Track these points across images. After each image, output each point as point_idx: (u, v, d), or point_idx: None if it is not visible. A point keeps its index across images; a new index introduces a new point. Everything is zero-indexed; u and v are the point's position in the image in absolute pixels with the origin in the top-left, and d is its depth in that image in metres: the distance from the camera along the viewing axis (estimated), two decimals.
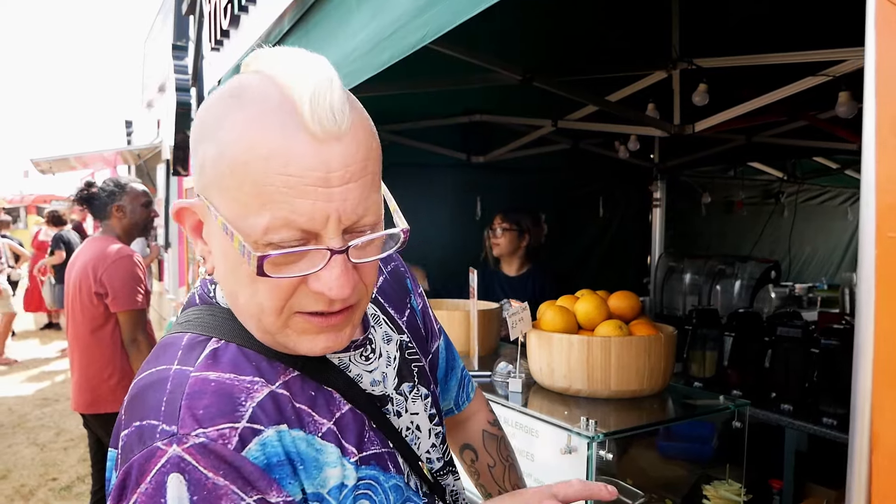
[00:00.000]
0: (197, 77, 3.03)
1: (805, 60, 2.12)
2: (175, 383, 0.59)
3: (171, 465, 0.54)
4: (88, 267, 2.49)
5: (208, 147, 0.57)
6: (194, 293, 0.71)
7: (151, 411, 0.58)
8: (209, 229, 0.61)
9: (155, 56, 6.51)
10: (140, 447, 0.56)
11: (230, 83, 0.59)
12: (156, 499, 0.53)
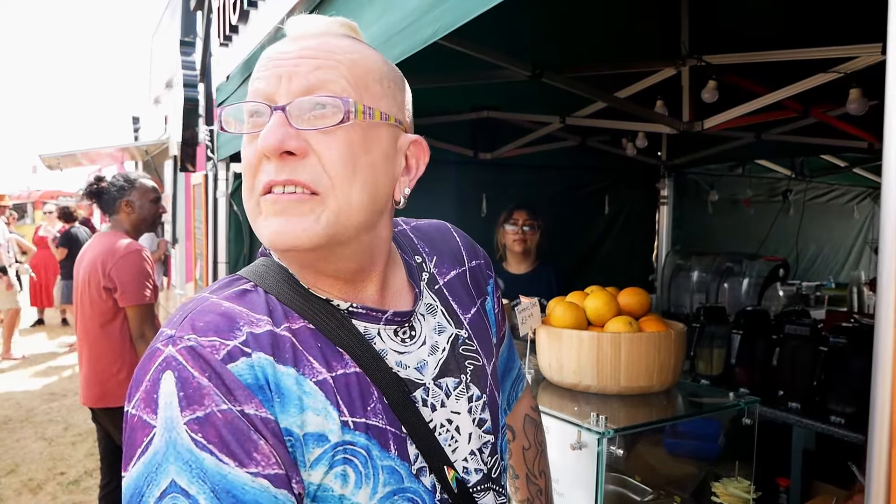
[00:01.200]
0: (205, 73, 3.04)
1: (816, 57, 2.11)
2: (195, 303, 0.65)
3: (164, 364, 0.59)
4: (97, 262, 2.50)
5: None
6: (264, 248, 0.75)
7: (177, 318, 0.64)
8: None
9: (162, 52, 6.53)
10: (148, 349, 0.62)
11: None
12: (151, 393, 0.58)
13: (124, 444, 0.60)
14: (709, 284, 3.28)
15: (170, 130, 5.42)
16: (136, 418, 0.58)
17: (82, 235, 7.46)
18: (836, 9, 1.94)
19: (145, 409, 0.58)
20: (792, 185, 4.98)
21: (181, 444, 0.55)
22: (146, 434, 0.57)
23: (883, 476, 0.49)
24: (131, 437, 0.58)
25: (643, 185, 4.17)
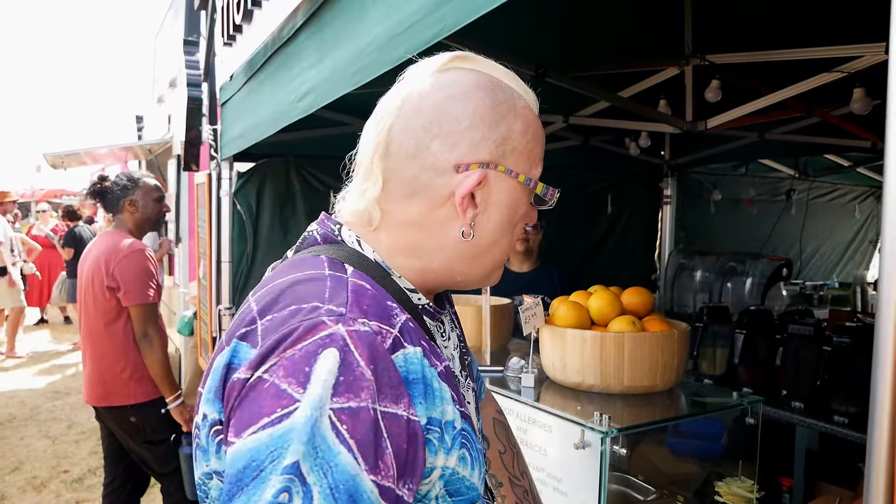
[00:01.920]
0: (208, 72, 3.04)
1: (819, 56, 2.11)
2: (335, 280, 0.65)
3: (330, 341, 0.57)
4: (101, 261, 2.51)
5: (516, 123, 0.72)
6: (312, 234, 0.75)
7: (312, 297, 0.62)
8: (490, 191, 0.71)
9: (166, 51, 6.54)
10: (302, 319, 0.59)
11: (484, 79, 0.73)
12: (301, 365, 0.55)
13: (238, 406, 0.56)
14: (712, 284, 3.28)
15: (173, 130, 5.43)
16: (270, 385, 0.55)
17: (86, 234, 7.48)
18: (839, 8, 1.93)
19: (287, 377, 0.55)
20: (795, 184, 4.97)
21: (319, 428, 0.53)
22: (283, 405, 0.53)
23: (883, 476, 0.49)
24: (256, 402, 0.54)
25: (646, 184, 4.16)
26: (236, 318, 0.67)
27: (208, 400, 0.62)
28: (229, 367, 0.61)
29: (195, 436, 0.66)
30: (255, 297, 0.67)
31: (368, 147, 0.73)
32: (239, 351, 0.61)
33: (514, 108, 0.72)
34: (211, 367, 0.64)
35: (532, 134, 0.73)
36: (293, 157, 3.18)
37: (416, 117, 0.70)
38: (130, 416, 2.57)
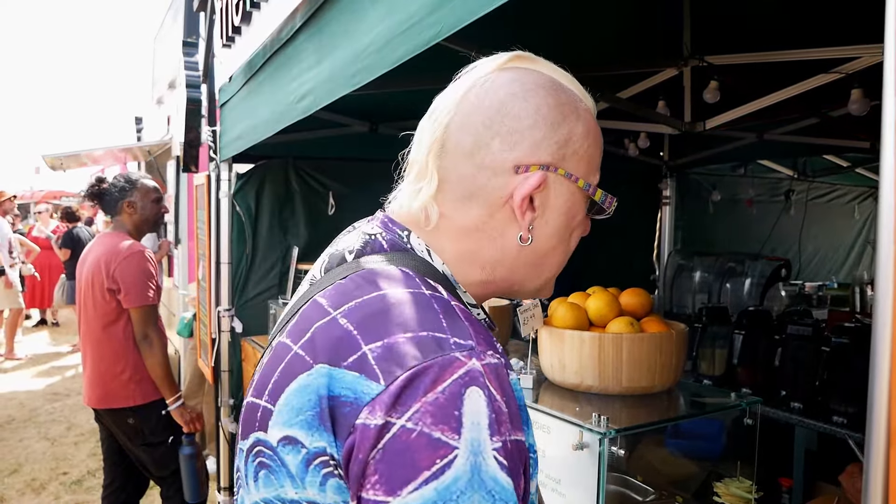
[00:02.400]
0: (208, 74, 3.04)
1: (817, 58, 2.12)
2: (441, 304, 0.61)
3: (470, 379, 0.53)
4: (101, 263, 2.51)
5: (577, 125, 0.70)
6: (377, 239, 0.70)
7: (428, 324, 0.57)
8: (549, 195, 0.69)
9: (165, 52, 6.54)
10: (433, 354, 0.54)
11: (545, 79, 0.71)
12: (449, 409, 0.52)
13: (383, 458, 0.51)
14: (711, 285, 3.28)
15: (172, 131, 5.44)
16: (419, 434, 0.51)
17: (84, 236, 7.48)
18: (837, 9, 1.94)
19: (437, 424, 0.51)
20: (794, 185, 4.98)
21: (487, 472, 0.51)
22: (441, 455, 0.50)
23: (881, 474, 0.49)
24: (408, 455, 0.50)
25: (645, 185, 4.16)
26: (315, 330, 0.61)
27: (297, 423, 0.57)
28: (335, 398, 0.56)
29: (256, 453, 0.62)
30: (341, 313, 0.61)
31: (423, 144, 0.70)
32: (345, 381, 0.56)
33: (577, 110, 0.70)
34: (282, 380, 0.60)
35: (593, 138, 0.71)
36: (292, 159, 3.18)
37: (476, 114, 0.68)
38: (129, 418, 2.56)
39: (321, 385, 0.57)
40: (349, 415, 0.54)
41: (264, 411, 0.61)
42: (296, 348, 0.62)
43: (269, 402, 0.61)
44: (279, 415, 0.59)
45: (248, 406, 0.66)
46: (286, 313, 0.73)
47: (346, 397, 0.55)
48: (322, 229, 3.23)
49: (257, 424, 0.62)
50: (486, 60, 0.72)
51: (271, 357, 0.66)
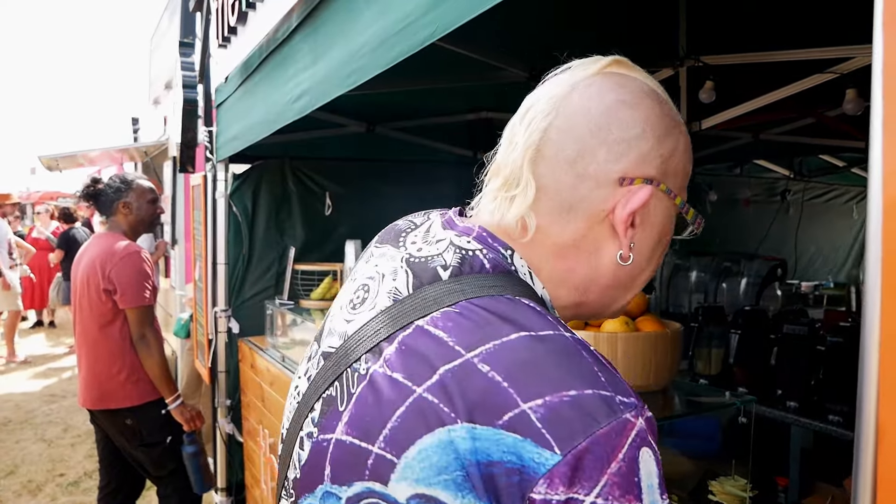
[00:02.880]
0: (204, 74, 3.04)
1: (812, 58, 2.12)
2: (586, 349, 0.56)
3: (640, 440, 0.51)
4: (96, 263, 2.51)
5: (680, 139, 0.66)
6: (476, 257, 0.63)
7: (586, 378, 0.53)
8: (650, 211, 0.65)
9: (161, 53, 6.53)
10: (605, 417, 0.50)
11: (648, 88, 0.67)
12: (631, 477, 0.49)
13: None
14: (707, 284, 3.29)
15: (169, 131, 5.43)
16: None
17: (81, 236, 7.47)
18: (832, 10, 1.94)
19: (625, 496, 0.49)
20: (790, 185, 4.99)
21: None
22: None
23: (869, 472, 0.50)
24: None
25: None
26: (445, 374, 0.54)
27: (439, 483, 0.51)
28: (494, 464, 0.50)
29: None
30: (477, 357, 0.54)
31: (516, 148, 0.65)
32: (504, 443, 0.50)
33: (679, 124, 0.66)
34: (407, 430, 0.54)
35: (689, 155, 0.68)
36: (289, 159, 3.18)
37: (581, 119, 0.63)
38: (126, 419, 2.56)
39: (470, 448, 0.51)
40: (520, 485, 0.49)
41: (380, 460, 0.55)
42: (420, 391, 0.54)
43: (386, 451, 0.55)
44: (408, 470, 0.53)
45: (344, 446, 0.58)
46: (363, 330, 0.64)
47: (511, 463, 0.50)
48: (319, 230, 3.23)
49: (367, 474, 0.55)
50: (584, 63, 0.68)
51: (371, 390, 0.58)
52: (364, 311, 0.66)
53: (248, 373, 2.85)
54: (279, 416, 2.38)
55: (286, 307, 2.79)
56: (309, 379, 0.69)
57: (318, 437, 0.63)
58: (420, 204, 0.95)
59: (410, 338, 0.59)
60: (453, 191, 3.48)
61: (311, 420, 0.65)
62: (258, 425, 2.67)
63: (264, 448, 2.54)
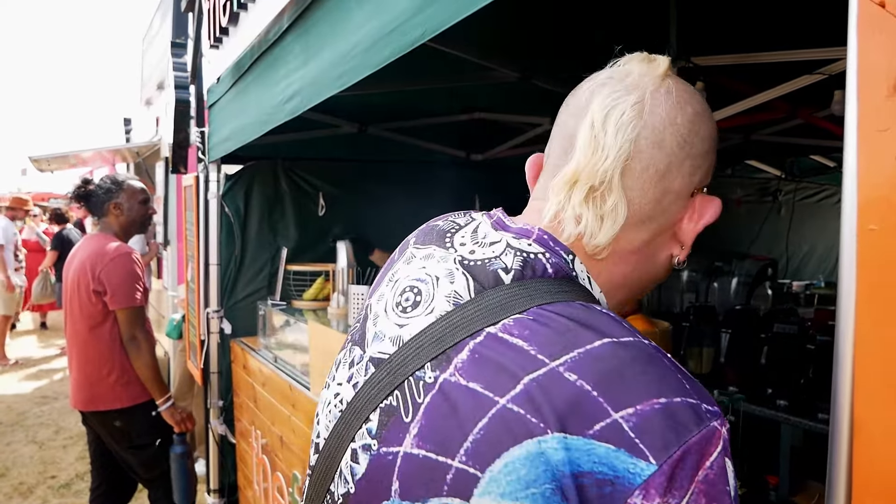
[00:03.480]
0: (196, 75, 3.03)
1: (801, 59, 2.14)
2: (668, 359, 0.56)
3: (724, 448, 0.51)
4: (87, 264, 2.50)
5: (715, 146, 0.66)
6: (539, 260, 0.62)
7: (673, 386, 0.52)
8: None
9: (153, 53, 6.51)
10: (694, 425, 0.50)
11: (683, 88, 0.64)
12: (720, 485, 0.50)
13: None
14: (698, 284, 3.31)
15: (161, 132, 5.41)
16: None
17: (74, 237, 7.43)
18: (821, 12, 1.96)
19: (713, 502, 0.49)
20: (782, 185, 5.02)
21: None
22: None
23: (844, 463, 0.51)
24: None
25: None
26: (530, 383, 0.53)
27: (527, 497, 0.50)
28: (585, 474, 0.49)
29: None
30: (563, 365, 0.53)
31: (608, 158, 0.60)
32: (596, 454, 0.49)
33: (708, 121, 0.66)
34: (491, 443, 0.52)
35: (714, 151, 0.68)
36: (281, 160, 3.18)
37: (670, 131, 0.61)
38: (116, 421, 2.56)
39: (562, 459, 0.50)
40: (612, 496, 0.49)
41: (461, 475, 0.53)
42: (503, 402, 0.53)
43: (468, 465, 0.53)
44: (494, 484, 0.51)
45: (416, 461, 0.56)
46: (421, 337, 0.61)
47: (604, 474, 0.49)
48: (312, 230, 3.23)
49: (446, 489, 0.53)
50: (641, 61, 0.66)
51: (443, 400, 0.56)
52: (420, 316, 0.63)
53: (241, 374, 2.84)
54: (272, 417, 2.38)
55: (278, 308, 2.79)
56: (355, 386, 0.65)
57: (381, 451, 0.60)
58: (412, 204, 0.95)
59: (483, 346, 0.57)
60: (446, 191, 3.52)
61: (368, 431, 0.61)
62: (250, 426, 2.67)
63: (256, 449, 2.54)
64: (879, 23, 0.46)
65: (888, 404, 0.49)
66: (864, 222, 0.48)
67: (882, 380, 0.49)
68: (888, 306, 0.48)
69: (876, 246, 0.47)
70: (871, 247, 0.48)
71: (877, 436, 0.50)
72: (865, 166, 0.48)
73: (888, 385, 0.49)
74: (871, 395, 0.50)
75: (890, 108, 0.46)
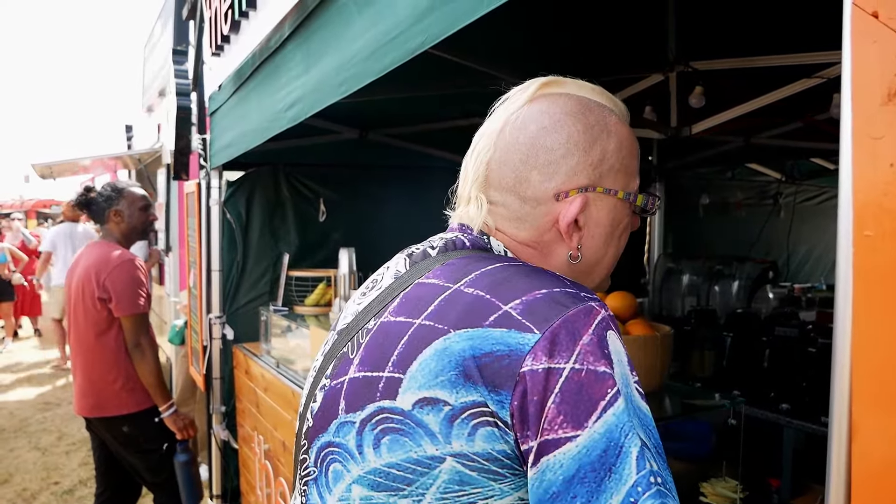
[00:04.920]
0: (197, 82, 3.05)
1: (800, 63, 2.15)
2: (555, 273, 0.70)
3: (605, 324, 0.62)
4: (91, 272, 2.51)
5: (610, 142, 0.74)
6: (459, 238, 0.78)
7: (553, 282, 0.65)
8: (592, 212, 0.75)
9: (155, 60, 6.54)
10: (572, 304, 0.62)
11: (573, 103, 0.75)
12: (601, 348, 0.60)
13: (561, 399, 0.57)
14: (699, 287, 3.31)
15: (163, 139, 5.43)
16: (588, 372, 0.58)
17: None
18: (819, 16, 1.97)
19: (598, 361, 0.59)
20: (782, 188, 5.02)
21: (636, 401, 0.60)
22: (610, 385, 0.58)
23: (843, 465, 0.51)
24: (585, 392, 0.58)
25: None
26: (439, 303, 0.67)
27: (437, 385, 0.62)
28: (487, 355, 0.61)
29: (378, 421, 0.65)
30: (463, 284, 0.67)
31: (468, 180, 0.78)
32: (492, 337, 0.61)
33: (606, 128, 0.75)
34: (409, 350, 0.65)
35: (626, 149, 0.76)
36: (282, 165, 3.19)
37: (513, 151, 0.74)
38: (123, 426, 2.56)
39: (463, 348, 0.62)
40: (510, 366, 0.60)
41: (389, 381, 0.65)
42: (419, 321, 0.67)
43: (394, 371, 0.65)
44: (412, 380, 0.64)
45: (357, 381, 0.69)
46: (371, 303, 0.77)
47: (501, 351, 0.61)
48: (313, 236, 3.24)
49: (378, 395, 0.66)
50: (517, 92, 0.78)
51: (379, 334, 0.70)
52: (373, 291, 0.80)
53: (243, 379, 2.85)
54: (274, 423, 2.39)
55: (280, 313, 2.80)
56: (323, 354, 0.80)
57: (331, 384, 0.73)
58: (413, 209, 0.97)
59: (409, 292, 0.72)
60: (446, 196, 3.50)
61: (324, 376, 0.76)
62: (253, 431, 2.67)
63: (259, 454, 2.54)
64: (873, 33, 0.47)
65: (885, 407, 0.49)
66: (859, 228, 0.49)
67: (879, 383, 0.50)
68: (884, 311, 0.49)
69: (872, 251, 0.48)
70: (867, 252, 0.48)
71: (874, 438, 0.51)
72: (860, 173, 0.49)
73: (885, 388, 0.49)
74: (868, 399, 0.51)
75: (884, 116, 0.47)
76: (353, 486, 0.66)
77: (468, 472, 0.61)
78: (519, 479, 0.61)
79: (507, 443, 0.60)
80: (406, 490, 0.63)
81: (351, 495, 0.66)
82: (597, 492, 0.55)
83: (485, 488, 0.61)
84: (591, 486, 0.55)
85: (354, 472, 0.66)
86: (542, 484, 0.57)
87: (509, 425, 0.60)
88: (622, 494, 0.55)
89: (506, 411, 0.59)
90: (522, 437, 0.59)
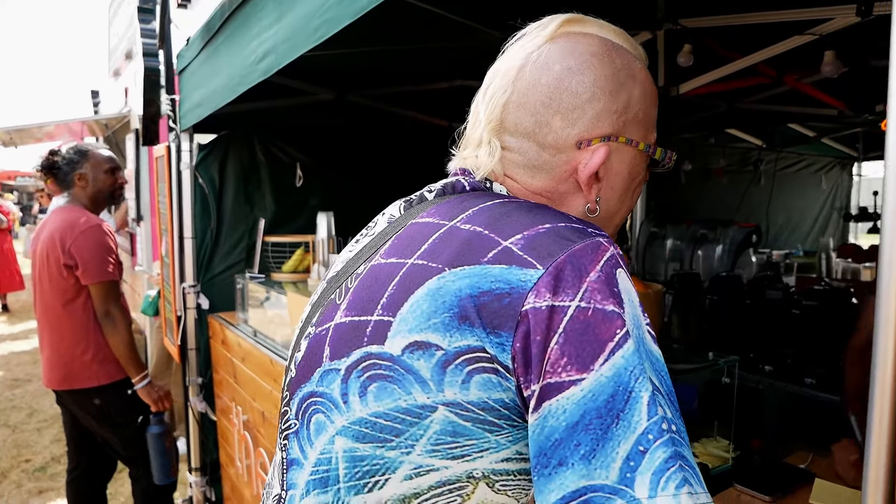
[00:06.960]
0: (164, 39, 2.89)
1: (791, 19, 2.09)
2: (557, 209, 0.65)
3: (614, 261, 0.57)
4: (56, 237, 2.40)
5: (635, 88, 0.69)
6: (458, 181, 0.72)
7: (557, 217, 0.61)
8: (612, 163, 0.69)
9: (120, 22, 6.25)
10: (579, 239, 0.57)
11: (598, 43, 0.69)
12: (610, 286, 0.55)
13: (567, 339, 0.53)
14: (683, 252, 3.30)
15: (131, 103, 5.22)
16: (595, 311, 0.53)
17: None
18: None
19: (606, 300, 0.54)
20: (763, 154, 5.03)
21: (647, 343, 0.55)
22: (619, 325, 0.53)
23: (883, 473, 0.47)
24: (593, 330, 0.53)
25: None
26: (433, 241, 0.62)
27: (429, 327, 0.57)
28: (485, 293, 0.56)
29: (364, 368, 0.61)
30: (459, 221, 0.62)
31: (479, 123, 0.71)
32: (491, 274, 0.56)
33: (633, 74, 0.70)
34: (400, 292, 0.60)
35: (650, 97, 0.71)
36: (257, 128, 3.07)
37: (533, 93, 0.68)
38: (94, 399, 2.48)
39: (460, 287, 0.57)
40: (511, 305, 0.55)
41: (378, 325, 0.61)
42: (412, 261, 0.62)
43: (383, 315, 0.61)
44: (403, 323, 0.59)
45: (344, 326, 0.64)
46: (363, 249, 0.73)
47: (501, 289, 0.56)
48: (290, 201, 3.14)
49: (366, 340, 0.61)
50: (535, 28, 0.71)
51: (368, 277, 0.65)
52: (365, 238, 0.76)
53: (220, 349, 2.77)
54: (252, 393, 2.32)
55: (257, 280, 2.71)
56: (312, 304, 0.76)
57: (316, 332, 0.69)
58: (393, 174, 0.91)
59: (405, 232, 0.67)
60: (427, 160, 3.42)
61: (310, 325, 0.71)
62: (231, 402, 2.61)
63: (238, 425, 2.49)
64: None
65: None
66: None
67: None
68: None
69: None
70: None
71: None
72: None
73: None
74: None
75: None
76: (337, 438, 0.61)
77: (462, 422, 0.56)
78: (517, 430, 0.57)
79: (506, 391, 0.55)
80: (394, 441, 0.58)
81: (334, 447, 0.61)
82: (602, 439, 0.50)
83: (479, 440, 0.57)
84: (596, 434, 0.51)
85: (338, 422, 0.61)
86: (543, 430, 0.52)
87: (510, 370, 0.55)
88: (630, 443, 0.50)
89: (507, 354, 0.54)
90: (525, 381, 0.54)
